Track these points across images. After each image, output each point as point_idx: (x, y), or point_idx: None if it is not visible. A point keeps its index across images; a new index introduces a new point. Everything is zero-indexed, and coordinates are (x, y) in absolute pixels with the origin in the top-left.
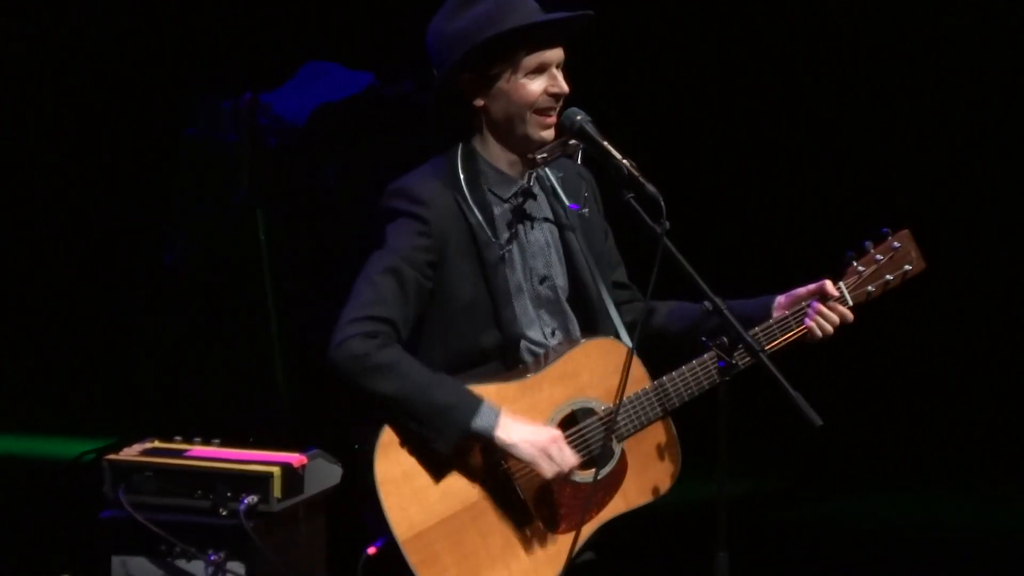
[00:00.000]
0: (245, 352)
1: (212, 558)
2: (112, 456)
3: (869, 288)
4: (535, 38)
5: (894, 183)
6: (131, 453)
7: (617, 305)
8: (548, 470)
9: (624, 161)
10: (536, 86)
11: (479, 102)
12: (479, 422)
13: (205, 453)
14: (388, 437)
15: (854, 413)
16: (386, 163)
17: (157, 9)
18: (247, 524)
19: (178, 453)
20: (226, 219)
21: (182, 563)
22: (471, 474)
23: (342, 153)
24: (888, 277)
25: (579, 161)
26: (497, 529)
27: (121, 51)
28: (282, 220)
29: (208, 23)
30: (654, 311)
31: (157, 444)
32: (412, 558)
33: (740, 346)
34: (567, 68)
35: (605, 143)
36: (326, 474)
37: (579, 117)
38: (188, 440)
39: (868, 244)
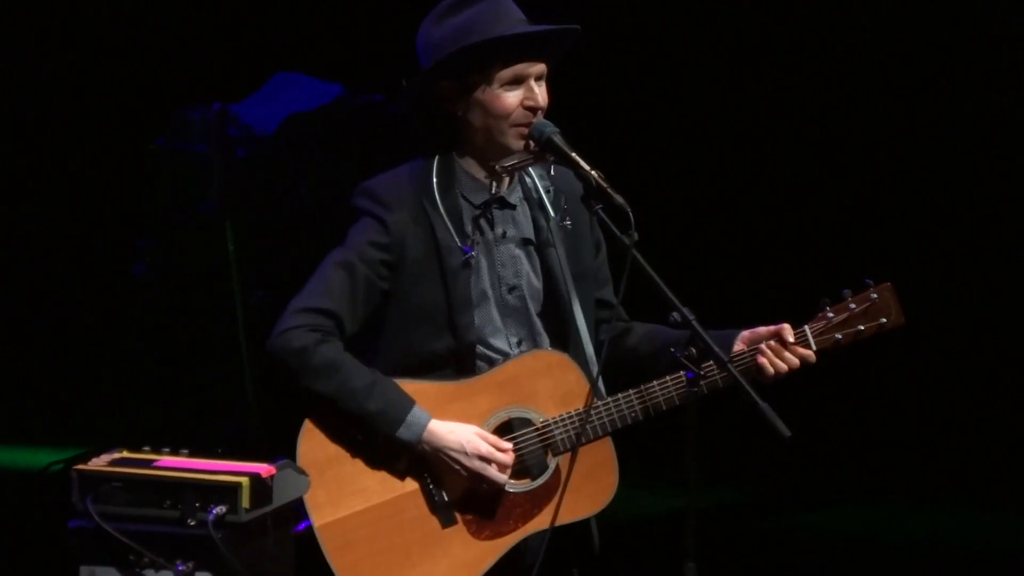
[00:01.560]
0: (214, 362)
1: (180, 568)
2: (80, 466)
3: (837, 336)
4: (511, 50)
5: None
6: (99, 463)
7: (598, 322)
8: (493, 476)
9: (592, 172)
10: (512, 98)
11: (457, 110)
12: (403, 432)
13: (174, 463)
14: (314, 421)
15: (823, 424)
16: (355, 173)
17: (127, 21)
18: (215, 534)
19: (147, 463)
20: (196, 229)
21: (150, 573)
22: (398, 469)
23: (311, 163)
24: (860, 327)
25: (551, 171)
26: (418, 526)
27: (90, 62)
28: (251, 230)
29: (177, 34)
30: (629, 331)
31: (126, 454)
32: (327, 544)
33: (709, 359)
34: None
35: (573, 154)
36: (294, 484)
37: (547, 129)
38: (157, 450)
39: (847, 293)
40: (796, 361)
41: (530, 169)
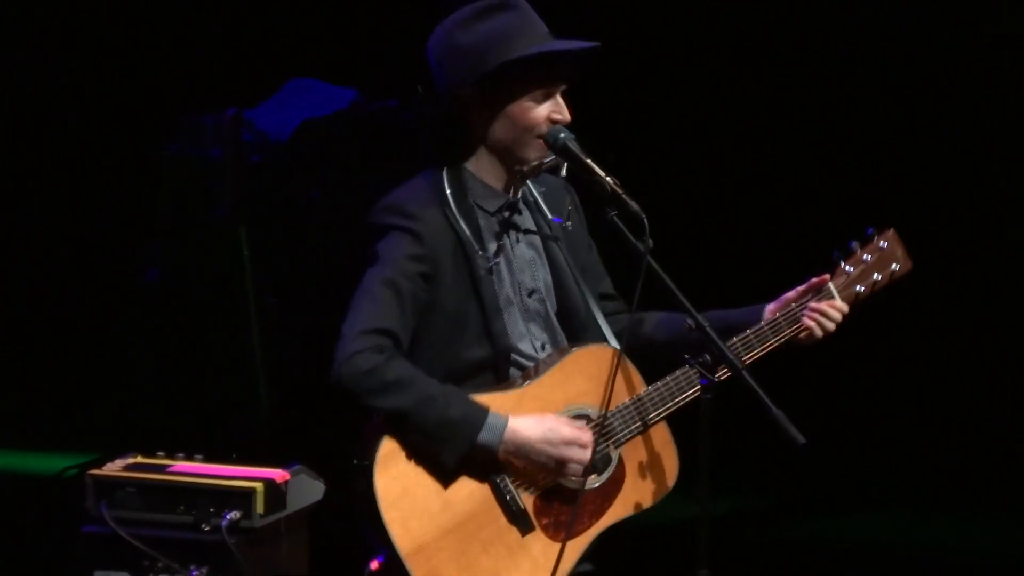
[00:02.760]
0: (228, 368)
1: (194, 573)
2: (95, 471)
3: (858, 288)
4: (550, 66)
5: (874, 192)
6: (114, 468)
7: (606, 316)
8: (573, 470)
9: (607, 179)
10: (542, 111)
11: (477, 118)
12: (484, 435)
13: (188, 469)
14: (386, 451)
15: (837, 431)
16: (370, 179)
17: (140, 25)
18: (229, 540)
19: (161, 468)
20: (209, 235)
21: None
22: (471, 485)
23: (326, 169)
24: (876, 276)
25: (564, 175)
26: (499, 539)
27: (104, 67)
28: (265, 236)
29: (192, 39)
30: (642, 321)
31: (140, 459)
32: (415, 571)
33: (722, 364)
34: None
35: (588, 160)
36: (308, 490)
37: (563, 135)
38: (171, 456)
39: (855, 244)
40: (838, 314)
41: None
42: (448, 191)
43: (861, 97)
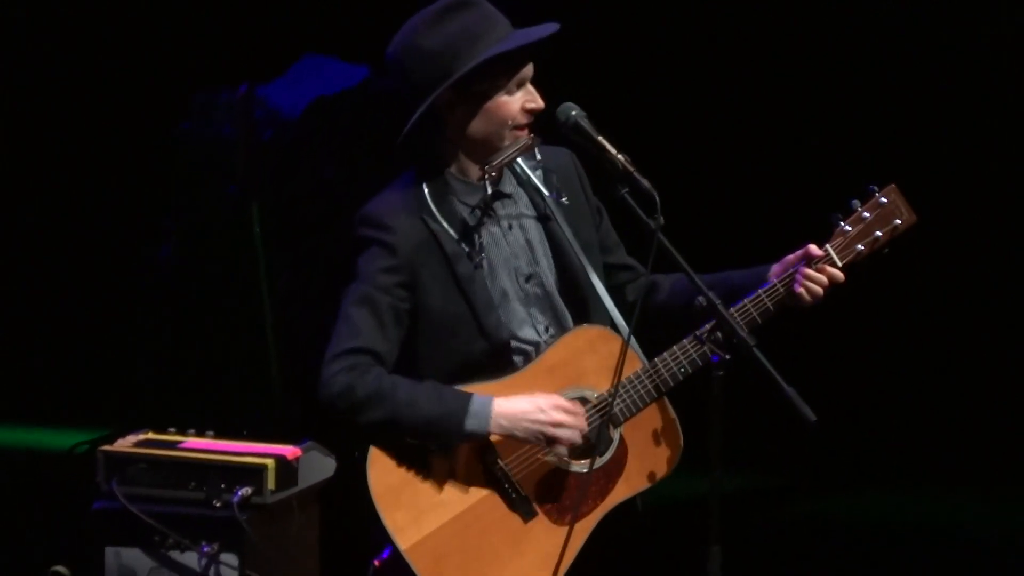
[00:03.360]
0: (240, 344)
1: (205, 549)
2: (106, 447)
3: (859, 247)
4: (518, 58)
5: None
6: (125, 444)
7: (621, 285)
8: (574, 437)
9: (619, 156)
10: (516, 103)
11: (455, 118)
12: (471, 423)
13: (199, 445)
14: (379, 445)
15: (849, 408)
16: (381, 156)
17: (153, 3)
18: (241, 516)
19: (172, 445)
20: (221, 212)
21: (175, 554)
22: (468, 474)
23: (338, 146)
24: (878, 233)
25: (538, 157)
26: (501, 527)
27: (116, 45)
28: (277, 213)
29: (204, 16)
30: (656, 287)
31: (151, 435)
32: (418, 564)
33: (735, 339)
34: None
35: (600, 138)
36: (320, 466)
37: (574, 112)
38: (182, 432)
39: (855, 203)
40: (826, 280)
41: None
42: (428, 193)
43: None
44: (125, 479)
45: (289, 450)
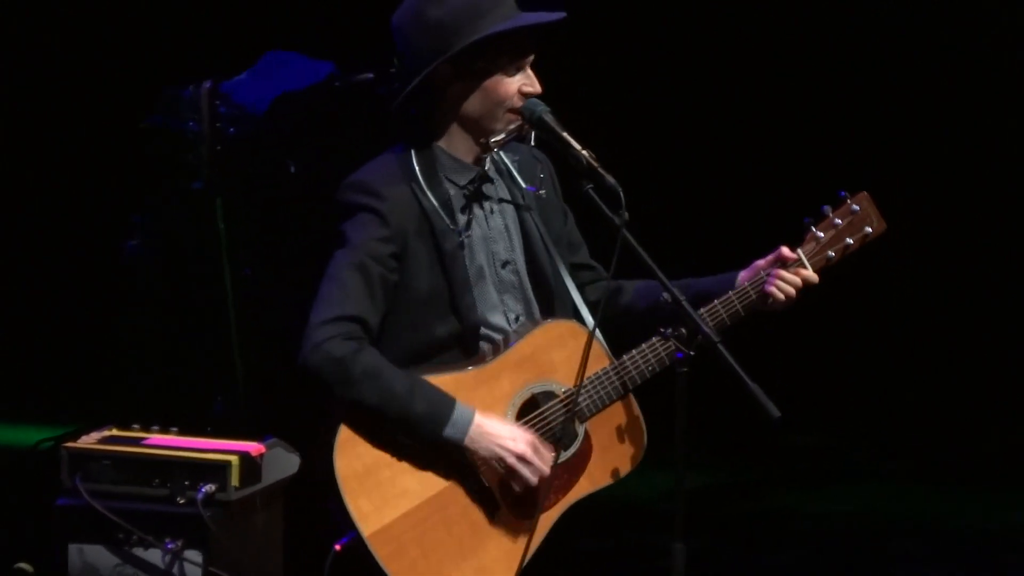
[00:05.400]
0: (203, 340)
1: (169, 546)
2: (70, 444)
3: (829, 253)
4: (523, 39)
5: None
6: (89, 441)
7: (581, 286)
8: (531, 476)
9: (583, 152)
10: (514, 84)
11: (452, 92)
12: (449, 431)
13: (163, 441)
14: (347, 432)
15: (813, 404)
16: (346, 153)
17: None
18: (204, 513)
19: (136, 441)
20: (185, 208)
21: (139, 551)
22: (435, 464)
23: (302, 142)
24: (848, 240)
25: (532, 143)
26: (464, 518)
27: (81, 40)
28: (241, 209)
29: (168, 12)
30: (620, 290)
31: (115, 432)
32: (379, 551)
33: (699, 336)
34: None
35: (564, 134)
36: (284, 463)
37: (539, 108)
38: (146, 428)
39: (827, 209)
40: (799, 280)
41: None
42: (417, 166)
43: (843, 65)
44: (89, 476)
45: (253, 447)
